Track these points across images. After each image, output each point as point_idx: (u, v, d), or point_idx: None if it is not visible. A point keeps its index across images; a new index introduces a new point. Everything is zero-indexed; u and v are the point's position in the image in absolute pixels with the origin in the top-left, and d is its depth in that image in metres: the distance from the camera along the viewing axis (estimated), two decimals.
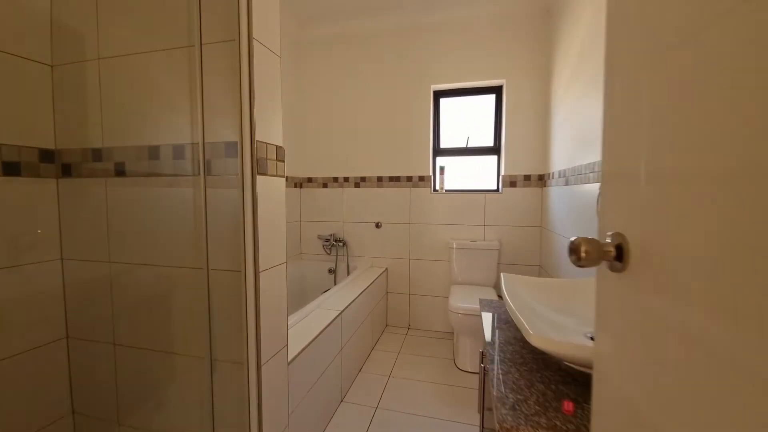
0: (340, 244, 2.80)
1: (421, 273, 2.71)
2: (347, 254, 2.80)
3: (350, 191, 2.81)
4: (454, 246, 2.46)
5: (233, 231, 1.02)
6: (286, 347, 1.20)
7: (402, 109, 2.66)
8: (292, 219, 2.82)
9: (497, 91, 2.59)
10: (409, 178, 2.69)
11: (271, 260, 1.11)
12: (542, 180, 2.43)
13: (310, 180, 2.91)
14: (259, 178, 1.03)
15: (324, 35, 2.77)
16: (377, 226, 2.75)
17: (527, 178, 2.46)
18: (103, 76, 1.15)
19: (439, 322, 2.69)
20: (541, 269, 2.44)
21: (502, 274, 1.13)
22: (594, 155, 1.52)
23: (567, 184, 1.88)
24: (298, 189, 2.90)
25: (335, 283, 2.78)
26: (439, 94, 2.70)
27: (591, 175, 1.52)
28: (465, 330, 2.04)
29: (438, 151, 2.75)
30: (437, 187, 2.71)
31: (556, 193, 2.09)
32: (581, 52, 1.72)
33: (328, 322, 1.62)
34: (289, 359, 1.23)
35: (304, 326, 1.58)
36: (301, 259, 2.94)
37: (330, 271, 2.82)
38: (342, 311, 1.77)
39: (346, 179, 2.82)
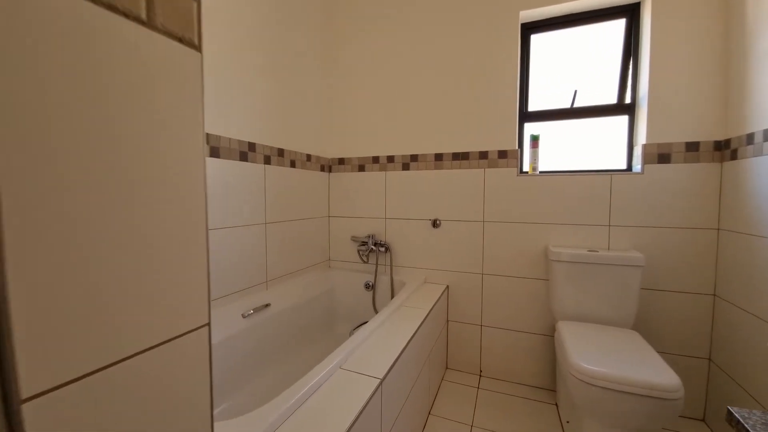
0: (382, 249, 2.00)
1: (502, 295, 1.82)
2: (391, 263, 1.99)
3: (396, 176, 2.01)
4: (562, 257, 1.55)
5: None
6: None
7: (472, 55, 1.80)
8: (318, 214, 2.08)
9: (631, 12, 1.63)
10: (484, 155, 1.81)
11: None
12: (723, 149, 1.43)
13: (341, 162, 2.15)
14: None
15: None
16: (434, 224, 1.92)
17: (692, 146, 1.47)
18: None
19: (532, 371, 1.78)
20: (719, 300, 1.44)
21: None
22: None
23: None
24: (325, 174, 2.16)
25: (374, 304, 1.98)
26: (529, 29, 1.80)
27: None
28: (605, 417, 1.13)
29: (526, 116, 1.84)
30: (527, 168, 1.80)
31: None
32: None
33: (360, 407, 0.82)
34: None
35: (314, 415, 0.79)
36: (329, 268, 2.19)
37: (368, 286, 2.03)
38: (383, 379, 0.96)
39: (390, 159, 2.02)
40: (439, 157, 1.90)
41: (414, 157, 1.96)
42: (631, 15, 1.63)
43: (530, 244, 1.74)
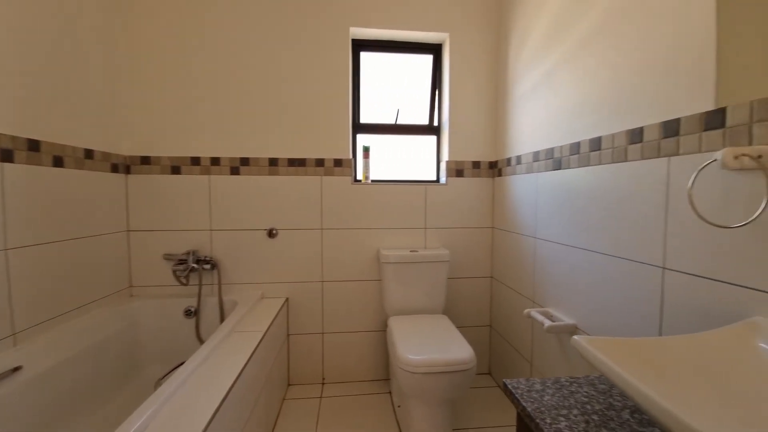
0: (207, 266, 1.70)
1: (341, 300, 1.86)
2: (219, 282, 1.72)
3: (224, 181, 1.75)
4: (391, 259, 1.71)
5: None
6: None
7: (308, 63, 1.77)
8: (109, 228, 1.58)
9: (436, 50, 1.96)
10: (320, 162, 1.81)
11: None
12: (494, 168, 1.91)
13: (146, 161, 1.71)
14: None
15: None
16: (271, 234, 1.78)
17: (476, 165, 1.91)
18: None
19: (369, 367, 1.90)
20: (494, 281, 1.92)
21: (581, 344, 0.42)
22: (606, 127, 0.99)
23: (548, 170, 1.36)
24: (120, 176, 1.66)
25: (198, 333, 1.67)
26: (359, 46, 1.91)
27: (595, 154, 0.99)
28: (424, 394, 1.31)
29: (358, 127, 1.95)
30: (360, 176, 1.91)
31: (523, 182, 1.57)
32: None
33: None
34: None
35: None
36: (131, 297, 1.70)
37: (189, 313, 1.69)
38: (212, 418, 0.79)
39: (215, 161, 1.74)
40: (274, 162, 1.77)
41: (245, 161, 1.76)
42: (437, 53, 1.97)
43: (365, 249, 1.85)
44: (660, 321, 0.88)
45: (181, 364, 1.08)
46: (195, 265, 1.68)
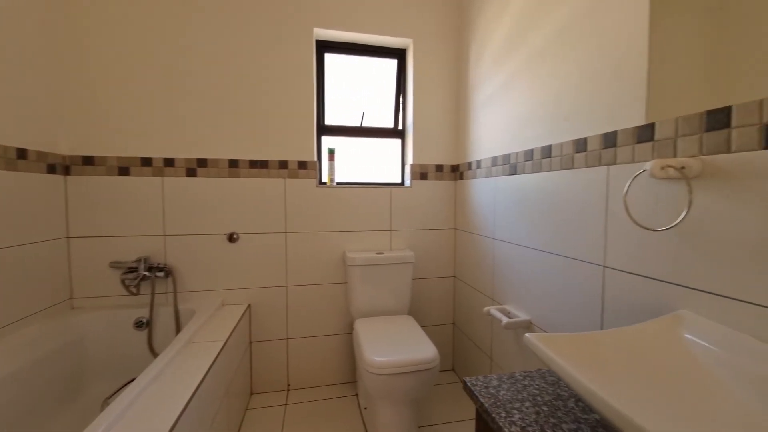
0: (160, 274, 1.60)
1: (306, 305, 1.83)
2: (175, 290, 1.63)
3: (178, 183, 1.66)
4: (357, 262, 1.72)
5: None
6: None
7: (270, 63, 1.72)
8: (45, 235, 1.43)
9: (400, 55, 1.99)
10: (284, 164, 1.77)
11: None
12: (456, 171, 1.97)
13: (89, 161, 1.57)
14: None
15: None
16: (231, 239, 1.71)
17: (440, 168, 1.96)
18: None
19: (336, 370, 1.89)
20: (457, 280, 1.99)
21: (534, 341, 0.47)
22: (560, 135, 1.07)
23: (506, 174, 1.44)
24: (58, 177, 1.52)
25: (150, 346, 1.57)
26: (324, 47, 1.89)
27: (557, 159, 1.07)
28: (390, 394, 1.33)
29: (323, 129, 1.94)
30: (325, 179, 1.89)
31: (483, 186, 1.64)
32: (526, 7, 1.27)
33: None
34: None
35: None
36: (72, 309, 1.56)
37: (139, 324, 1.58)
38: None
39: (169, 162, 1.64)
40: (234, 163, 1.71)
41: (202, 162, 1.68)
42: (401, 58, 2.00)
43: (331, 252, 1.84)
44: (602, 314, 0.97)
45: (132, 380, 1.01)
46: (147, 273, 1.58)
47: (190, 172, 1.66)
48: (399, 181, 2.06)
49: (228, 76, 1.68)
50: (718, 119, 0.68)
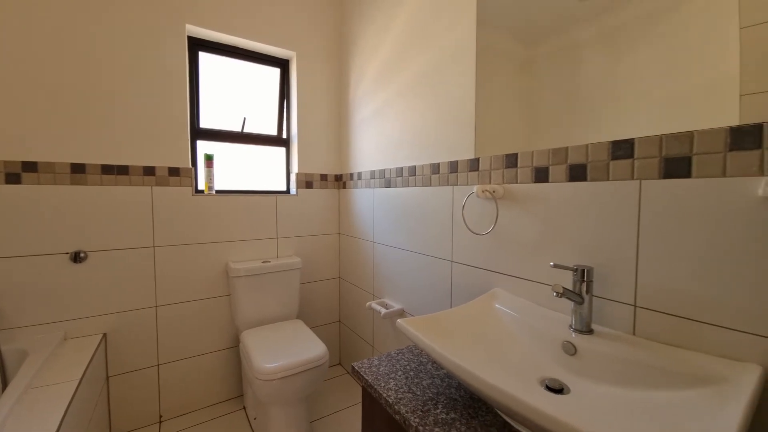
0: None
1: (181, 324, 1.69)
2: None
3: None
4: (241, 272, 1.68)
5: None
6: None
7: (133, 54, 1.51)
8: None
9: (283, 65, 2.03)
10: (150, 170, 1.58)
11: None
12: (340, 180, 2.14)
13: None
14: None
15: None
16: (76, 258, 1.44)
17: (324, 177, 2.09)
18: None
19: (220, 388, 1.79)
20: (342, 281, 2.16)
21: (404, 327, 0.69)
22: (426, 157, 1.37)
23: (382, 186, 1.68)
24: None
25: None
26: (198, 45, 1.77)
27: (423, 177, 1.37)
28: (282, 398, 1.38)
29: (198, 133, 1.81)
30: (203, 187, 1.78)
31: (363, 195, 1.86)
32: (402, 40, 1.54)
33: None
34: None
35: None
36: None
37: None
38: None
39: None
40: (79, 168, 1.44)
41: (31, 166, 1.35)
42: (284, 68, 2.03)
43: (211, 264, 1.74)
44: (450, 297, 1.28)
45: None
46: None
47: (12, 179, 1.32)
48: (284, 189, 2.09)
49: (74, 62, 1.40)
50: (511, 160, 1.03)
